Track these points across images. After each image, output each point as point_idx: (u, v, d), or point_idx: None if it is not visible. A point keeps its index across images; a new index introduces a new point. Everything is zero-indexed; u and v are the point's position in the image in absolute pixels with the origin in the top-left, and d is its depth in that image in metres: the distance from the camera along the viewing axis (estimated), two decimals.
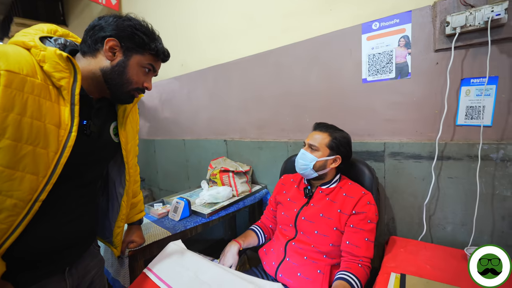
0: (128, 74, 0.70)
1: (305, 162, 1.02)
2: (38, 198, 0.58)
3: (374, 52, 1.22)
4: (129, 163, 0.86)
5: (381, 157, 1.23)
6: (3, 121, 0.52)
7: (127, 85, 0.71)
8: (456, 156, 1.05)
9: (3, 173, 0.54)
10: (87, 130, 0.68)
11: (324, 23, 1.34)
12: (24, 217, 0.57)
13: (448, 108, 1.05)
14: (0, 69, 0.52)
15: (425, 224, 1.12)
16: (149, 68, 0.74)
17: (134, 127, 0.90)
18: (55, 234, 0.67)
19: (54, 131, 0.59)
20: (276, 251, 1.07)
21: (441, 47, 1.05)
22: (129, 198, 0.88)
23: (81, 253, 0.78)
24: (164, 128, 2.44)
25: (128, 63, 0.69)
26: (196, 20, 1.95)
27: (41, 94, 0.58)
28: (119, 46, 0.67)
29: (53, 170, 0.59)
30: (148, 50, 0.71)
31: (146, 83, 0.74)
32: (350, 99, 1.30)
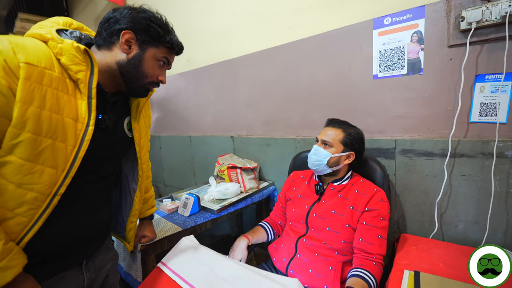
0: (144, 67, 0.69)
1: (318, 158, 1.02)
2: (58, 192, 0.59)
3: (385, 47, 1.20)
4: (142, 159, 0.85)
5: (391, 154, 1.22)
6: (23, 114, 0.52)
7: (143, 78, 0.71)
8: (470, 153, 1.04)
9: (23, 166, 0.54)
10: (102, 124, 0.68)
11: (334, 19, 1.32)
12: (44, 211, 0.58)
13: (462, 105, 1.04)
14: (19, 62, 0.52)
15: (437, 222, 1.11)
16: (164, 61, 0.73)
17: (147, 122, 0.90)
18: (74, 228, 0.67)
19: (72, 125, 0.59)
20: (287, 247, 1.07)
21: (455, 43, 1.04)
22: (141, 193, 0.88)
23: (98, 247, 0.79)
24: (170, 125, 2.43)
25: (143, 56, 0.68)
26: (202, 16, 1.94)
27: (58, 87, 0.57)
28: (134, 39, 0.66)
29: (71, 164, 0.59)
30: (163, 43, 0.70)
31: (161, 76, 0.74)
32: (360, 95, 1.29)
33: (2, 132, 0.52)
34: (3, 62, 0.50)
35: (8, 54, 0.51)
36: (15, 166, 0.53)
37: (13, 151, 0.53)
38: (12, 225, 0.56)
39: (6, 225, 0.55)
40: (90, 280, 0.75)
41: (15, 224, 0.56)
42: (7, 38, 0.53)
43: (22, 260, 0.56)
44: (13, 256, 0.54)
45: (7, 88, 0.51)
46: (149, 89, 0.76)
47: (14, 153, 0.53)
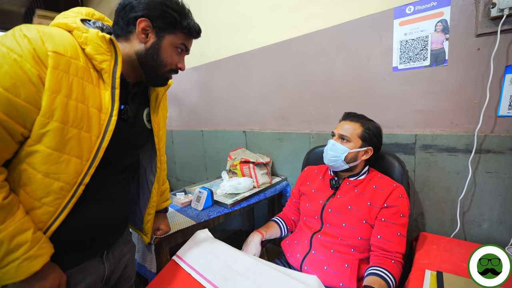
0: (162, 56, 0.68)
1: (335, 154, 0.99)
2: (82, 182, 0.59)
3: (407, 38, 1.15)
4: (161, 150, 0.85)
5: (411, 149, 1.17)
6: (52, 103, 0.52)
7: (162, 67, 0.69)
8: (497, 149, 0.98)
9: (51, 155, 0.54)
10: (125, 115, 0.68)
11: (352, 9, 1.27)
12: (69, 200, 0.58)
13: (490, 98, 0.98)
14: (47, 50, 0.52)
15: (459, 221, 1.06)
16: (182, 48, 0.71)
17: (165, 114, 0.89)
18: (97, 218, 0.68)
19: (96, 115, 0.59)
20: (301, 243, 1.05)
21: (484, 31, 0.97)
22: (159, 185, 0.88)
23: (118, 238, 0.80)
24: (182, 119, 2.44)
25: (161, 44, 0.67)
26: (215, 9, 1.91)
27: (84, 76, 0.57)
28: (151, 27, 0.65)
29: (95, 154, 0.59)
30: (180, 29, 0.68)
31: (180, 63, 0.72)
32: (378, 88, 1.24)
33: (31, 121, 0.52)
34: (32, 51, 0.50)
35: (37, 42, 0.51)
36: (43, 155, 0.54)
37: (42, 140, 0.53)
38: (40, 215, 0.56)
39: (34, 214, 0.56)
40: (110, 271, 0.76)
41: (42, 213, 0.57)
42: (35, 27, 0.53)
43: (49, 249, 0.57)
44: (42, 245, 0.55)
45: (37, 77, 0.51)
46: (169, 77, 0.74)
47: (43, 142, 0.53)
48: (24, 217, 0.54)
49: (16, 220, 0.53)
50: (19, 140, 0.54)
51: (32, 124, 0.53)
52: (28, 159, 0.54)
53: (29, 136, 0.54)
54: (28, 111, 0.52)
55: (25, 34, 0.51)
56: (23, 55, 0.50)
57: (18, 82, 0.50)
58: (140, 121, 0.77)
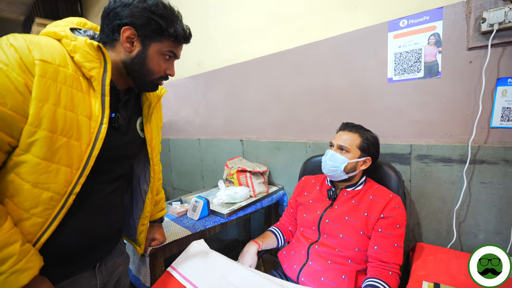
0: (149, 64, 0.67)
1: (335, 164, 0.99)
2: (73, 191, 0.58)
3: (401, 50, 1.17)
4: (154, 160, 0.84)
5: (407, 159, 1.18)
6: (39, 112, 0.52)
7: (150, 75, 0.69)
8: (491, 160, 0.99)
9: (40, 165, 0.53)
10: (116, 123, 0.67)
11: (348, 21, 1.30)
12: (59, 211, 0.57)
13: (482, 109, 1.00)
14: (34, 59, 0.52)
15: (455, 231, 1.06)
16: (170, 55, 0.70)
17: (159, 123, 0.89)
18: (89, 229, 0.67)
19: (86, 123, 0.59)
20: (298, 254, 1.04)
21: (476, 45, 1.00)
22: (153, 195, 0.87)
23: (111, 250, 0.78)
24: (179, 127, 2.44)
25: (147, 53, 0.65)
26: (213, 19, 1.95)
27: (73, 84, 0.57)
28: (136, 35, 0.63)
29: (85, 162, 0.59)
30: (167, 36, 0.66)
31: (169, 70, 0.72)
32: (374, 99, 1.26)
33: (19, 130, 0.52)
34: (19, 60, 0.50)
35: (23, 51, 0.51)
36: (31, 165, 0.53)
37: (30, 150, 0.53)
38: (29, 226, 0.55)
39: (23, 226, 0.55)
40: (102, 284, 0.74)
41: (31, 225, 0.55)
42: (22, 37, 0.53)
43: (38, 262, 0.55)
44: (30, 258, 0.54)
45: (24, 86, 0.50)
46: (159, 83, 0.74)
47: (31, 152, 0.53)
48: (11, 229, 0.52)
49: (3, 232, 0.51)
50: (7, 150, 0.53)
51: (20, 133, 0.52)
52: (16, 169, 0.53)
53: (17, 145, 0.53)
54: (15, 120, 0.51)
55: (12, 43, 0.51)
56: (10, 64, 0.49)
57: (4, 91, 0.49)
58: (133, 130, 0.76)
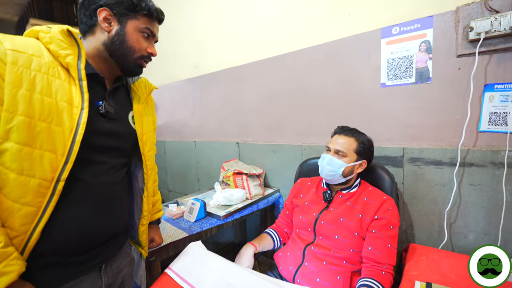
0: (129, 41, 0.69)
1: (333, 168, 1.00)
2: (61, 177, 0.58)
3: (393, 56, 1.21)
4: (146, 155, 0.83)
5: (399, 162, 1.21)
6: (14, 97, 0.53)
7: (131, 53, 0.70)
8: (480, 163, 1.03)
9: (22, 151, 0.54)
10: (103, 109, 0.68)
11: (342, 27, 1.34)
12: (50, 198, 0.57)
13: (471, 114, 1.04)
14: (6, 49, 0.54)
15: (446, 232, 1.09)
16: (147, 32, 0.72)
17: (150, 120, 0.88)
18: (93, 225, 0.67)
19: (67, 109, 0.59)
20: (294, 255, 1.05)
21: (464, 53, 1.05)
22: (149, 193, 0.86)
23: (117, 250, 0.78)
24: (175, 130, 2.45)
25: (125, 30, 0.68)
26: (211, 23, 1.97)
27: (49, 72, 0.58)
28: (112, 15, 0.67)
29: (70, 148, 0.59)
30: (140, 12, 0.69)
31: (150, 49, 0.74)
32: (368, 103, 1.30)
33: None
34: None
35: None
36: (13, 152, 0.53)
37: (9, 137, 0.53)
38: (21, 217, 0.55)
39: (15, 218, 0.55)
40: (107, 285, 0.74)
41: (23, 215, 0.55)
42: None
43: (19, 267, 0.54)
44: (10, 261, 0.52)
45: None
46: (142, 64, 0.75)
47: (10, 139, 0.53)
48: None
49: None
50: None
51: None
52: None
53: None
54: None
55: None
56: None
57: None
58: (123, 120, 0.76)
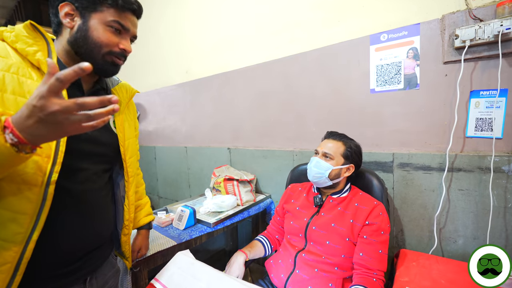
0: (93, 36, 0.62)
1: (319, 171, 1.01)
2: (50, 180, 0.55)
3: (382, 63, 1.23)
4: (127, 161, 0.78)
5: (389, 167, 1.22)
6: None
7: (98, 49, 0.63)
8: (467, 168, 1.04)
9: None
10: None
11: (332, 34, 1.36)
12: (42, 203, 0.55)
13: (458, 120, 1.05)
14: None
15: (436, 237, 1.10)
16: (116, 26, 0.64)
17: (132, 125, 0.84)
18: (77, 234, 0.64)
19: None
20: (285, 262, 1.03)
21: (450, 59, 1.07)
22: (130, 201, 0.82)
23: (102, 261, 0.75)
24: (166, 135, 2.41)
25: (88, 24, 0.62)
26: (202, 28, 1.96)
27: (19, 72, 0.55)
28: (74, 10, 0.61)
29: (56, 148, 0.56)
30: (105, 4, 0.62)
31: (122, 44, 0.66)
32: (357, 109, 1.31)
33: None
34: None
35: None
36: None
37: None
38: (16, 226, 0.53)
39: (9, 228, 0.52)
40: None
41: (18, 224, 0.53)
42: None
43: None
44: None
45: None
46: (114, 62, 0.67)
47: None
48: None
49: None
50: None
51: None
52: None
53: None
54: None
55: None
56: None
57: None
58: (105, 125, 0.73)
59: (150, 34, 2.37)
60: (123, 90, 0.81)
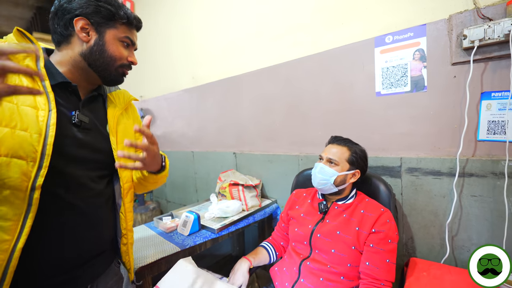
0: (109, 51, 0.68)
1: (324, 177, 0.99)
2: (35, 185, 0.55)
3: (387, 65, 1.20)
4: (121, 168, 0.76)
5: (397, 172, 1.18)
6: None
7: (112, 62, 0.69)
8: (480, 173, 1.00)
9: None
10: (75, 119, 0.65)
11: (336, 37, 1.34)
12: (28, 209, 0.54)
13: (469, 123, 1.01)
14: None
15: (448, 245, 1.05)
16: (127, 41, 0.71)
17: (130, 131, 0.83)
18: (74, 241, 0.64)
19: (32, 113, 0.57)
20: (289, 270, 1.01)
21: (459, 61, 1.03)
22: (126, 208, 0.81)
23: (104, 269, 0.75)
24: (173, 140, 2.44)
25: (104, 39, 0.67)
26: (208, 34, 1.99)
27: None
28: (89, 24, 0.65)
29: (42, 152, 0.56)
30: (119, 20, 0.68)
31: (130, 57, 0.73)
32: (363, 112, 1.28)
33: None
34: None
35: None
36: None
37: None
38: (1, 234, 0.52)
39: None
40: None
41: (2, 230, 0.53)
42: None
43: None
44: None
45: None
46: (124, 72, 0.74)
47: None
48: None
49: None
50: None
51: None
52: None
53: None
54: None
55: None
56: None
57: None
58: (100, 130, 0.73)
59: (159, 43, 2.43)
60: (120, 96, 0.82)
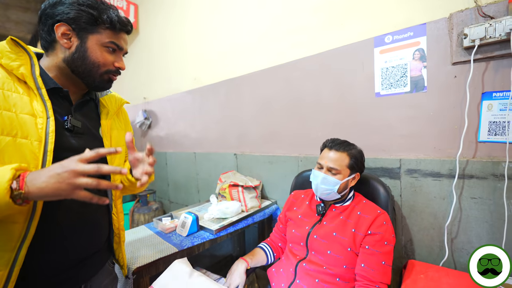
0: (92, 57, 0.65)
1: (328, 187, 0.96)
2: None
3: (387, 65, 1.18)
4: None
5: (396, 174, 1.17)
6: None
7: (96, 69, 0.67)
8: (480, 174, 0.98)
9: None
10: (68, 124, 0.65)
11: (335, 37, 1.33)
12: (32, 212, 0.56)
13: (469, 123, 0.99)
14: None
15: (447, 248, 1.04)
16: (112, 46, 0.68)
17: (122, 132, 0.82)
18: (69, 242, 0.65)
19: (30, 120, 0.58)
20: (286, 271, 1.02)
21: (459, 60, 1.01)
22: (118, 209, 0.82)
23: (98, 269, 0.76)
24: (176, 141, 2.46)
25: (86, 46, 0.64)
26: (209, 36, 2.00)
27: (4, 87, 0.57)
28: (71, 30, 0.63)
29: (43, 158, 0.58)
30: (102, 25, 0.65)
31: (117, 63, 0.70)
32: (363, 113, 1.27)
33: None
34: None
35: None
36: None
37: None
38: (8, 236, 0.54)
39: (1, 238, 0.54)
40: None
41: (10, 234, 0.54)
42: None
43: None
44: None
45: None
46: (111, 78, 0.71)
47: None
48: None
49: None
50: None
51: None
52: None
53: None
54: None
55: None
56: None
57: None
58: (93, 134, 0.73)
59: (162, 45, 2.45)
60: (112, 100, 0.82)
